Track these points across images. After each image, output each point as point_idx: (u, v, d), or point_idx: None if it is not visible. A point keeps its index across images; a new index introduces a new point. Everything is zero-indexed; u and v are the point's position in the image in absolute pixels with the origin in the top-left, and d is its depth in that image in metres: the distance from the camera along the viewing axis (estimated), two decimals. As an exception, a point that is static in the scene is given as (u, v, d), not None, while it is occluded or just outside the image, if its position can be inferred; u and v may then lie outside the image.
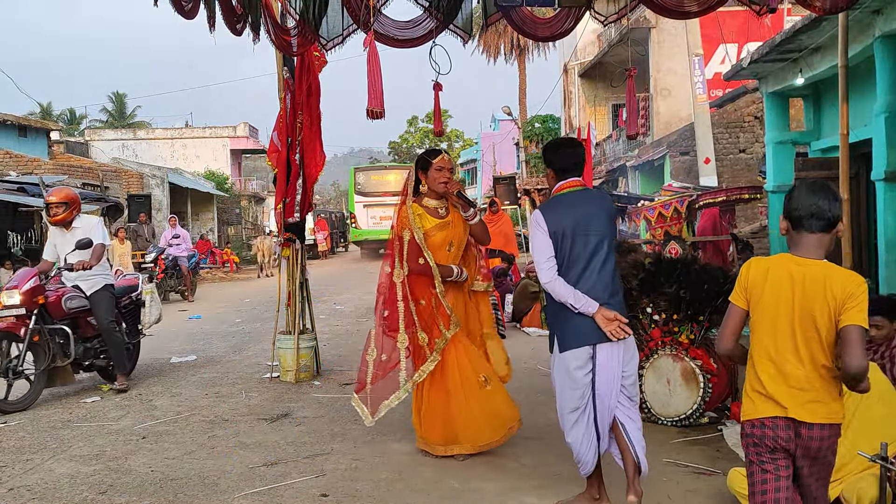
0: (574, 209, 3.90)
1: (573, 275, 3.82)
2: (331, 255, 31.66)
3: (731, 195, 11.35)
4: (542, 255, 3.88)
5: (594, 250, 3.85)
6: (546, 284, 3.85)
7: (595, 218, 3.89)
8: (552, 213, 3.94)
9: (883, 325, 4.45)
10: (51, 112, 47.48)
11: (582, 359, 3.83)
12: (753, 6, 5.09)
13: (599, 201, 4.04)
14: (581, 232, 3.85)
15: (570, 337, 3.86)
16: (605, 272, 3.86)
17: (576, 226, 3.85)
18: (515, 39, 33.34)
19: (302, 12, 5.49)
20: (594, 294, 3.79)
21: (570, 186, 4.01)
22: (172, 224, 16.54)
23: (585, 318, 3.78)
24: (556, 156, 4.07)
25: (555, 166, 4.07)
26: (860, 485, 3.44)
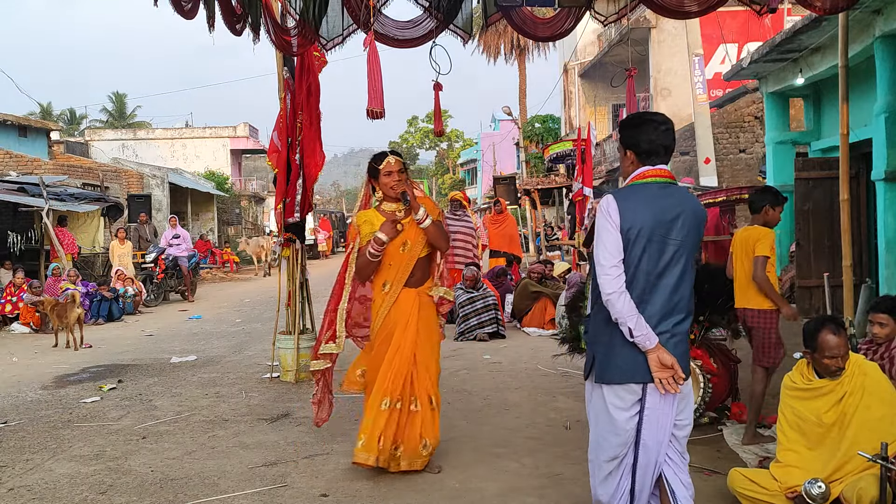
0: (656, 206, 3.06)
1: (635, 291, 3.03)
2: (331, 255, 31.65)
3: (731, 195, 11.33)
4: (608, 256, 3.04)
5: (669, 264, 3.04)
6: (609, 296, 3.01)
7: (679, 222, 3.05)
8: (629, 203, 3.07)
9: (887, 323, 4.45)
10: (51, 112, 47.48)
11: (627, 399, 3.07)
12: (753, 6, 5.08)
13: (689, 202, 3.13)
14: (658, 237, 3.03)
15: (614, 368, 3.07)
16: (676, 296, 3.07)
17: (654, 227, 3.02)
18: (515, 39, 33.31)
19: (302, 12, 5.49)
20: (654, 322, 3.02)
21: (656, 176, 3.14)
22: (172, 224, 16.54)
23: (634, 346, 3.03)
24: (640, 133, 3.17)
25: (639, 147, 3.17)
26: (860, 485, 3.44)
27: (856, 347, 4.63)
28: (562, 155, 21.04)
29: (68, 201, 14.97)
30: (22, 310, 11.47)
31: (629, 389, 3.06)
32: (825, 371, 3.71)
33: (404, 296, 4.53)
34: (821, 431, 3.72)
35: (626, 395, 3.06)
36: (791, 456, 3.79)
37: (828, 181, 9.04)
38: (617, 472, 3.13)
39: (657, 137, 3.14)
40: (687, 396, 3.17)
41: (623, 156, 3.25)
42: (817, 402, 3.73)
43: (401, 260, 4.54)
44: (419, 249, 4.55)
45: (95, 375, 7.88)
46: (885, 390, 3.66)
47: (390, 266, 4.55)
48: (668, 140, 3.15)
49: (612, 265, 3.03)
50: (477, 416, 5.93)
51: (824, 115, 10.50)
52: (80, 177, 19.55)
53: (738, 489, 3.86)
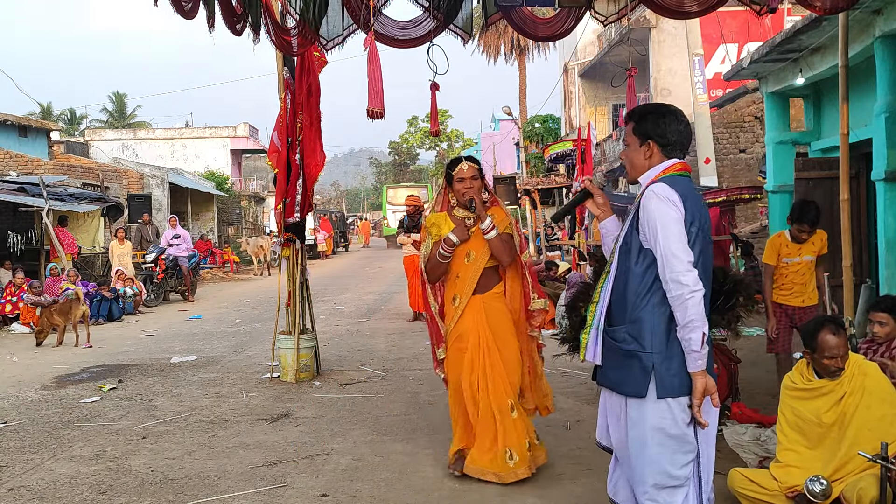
0: (698, 198, 2.88)
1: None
2: (331, 255, 31.66)
3: (732, 195, 11.33)
4: (685, 249, 2.77)
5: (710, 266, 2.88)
6: (692, 294, 2.72)
7: (708, 222, 2.91)
8: (685, 192, 2.85)
9: (887, 322, 4.46)
10: (51, 112, 47.46)
11: (687, 409, 2.85)
12: (754, 6, 5.08)
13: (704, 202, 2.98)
14: (706, 231, 2.85)
15: (683, 376, 2.80)
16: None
17: (706, 222, 2.86)
18: (515, 39, 33.34)
19: (302, 12, 5.49)
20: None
21: (683, 169, 2.96)
22: (173, 224, 16.54)
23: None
24: (668, 123, 2.96)
25: (666, 139, 2.95)
26: (860, 485, 3.44)
27: (856, 347, 4.64)
28: (562, 155, 21.04)
29: (68, 201, 14.97)
30: (22, 310, 11.47)
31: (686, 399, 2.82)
32: (825, 371, 3.71)
33: (471, 304, 4.46)
34: (821, 431, 3.72)
35: (686, 405, 2.81)
36: (791, 456, 3.79)
37: (828, 181, 9.04)
38: (683, 489, 2.87)
39: (685, 129, 2.97)
40: None
41: (638, 147, 2.99)
42: (817, 402, 3.73)
43: (467, 271, 4.47)
44: (485, 260, 4.45)
45: (95, 375, 7.88)
46: (885, 390, 3.66)
47: (458, 279, 4.49)
48: (688, 132, 3.00)
49: (690, 259, 2.75)
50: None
51: (824, 115, 10.49)
52: (80, 177, 19.55)
53: (738, 489, 3.86)
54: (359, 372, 7.69)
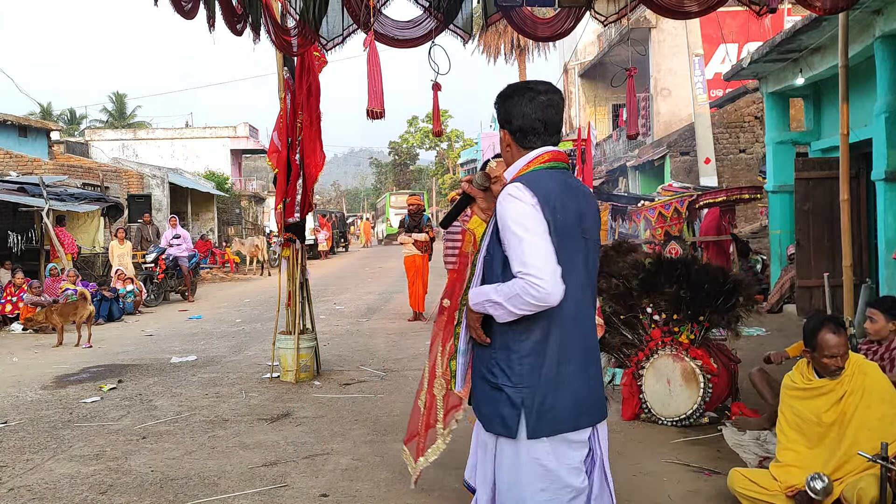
0: (568, 195, 2.44)
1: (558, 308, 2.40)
2: (331, 255, 31.67)
3: (732, 195, 11.36)
4: (543, 252, 2.32)
5: (586, 266, 2.47)
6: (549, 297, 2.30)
7: (588, 215, 2.49)
8: (542, 187, 2.39)
9: (877, 320, 4.60)
10: (51, 112, 47.47)
11: (580, 451, 2.45)
12: (753, 6, 5.09)
13: (586, 191, 2.57)
14: (577, 232, 2.43)
15: (559, 410, 2.38)
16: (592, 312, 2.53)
17: (574, 223, 2.44)
18: (515, 39, 33.34)
19: (302, 12, 5.49)
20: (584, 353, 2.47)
21: (554, 159, 2.50)
22: (173, 224, 16.53)
23: (580, 373, 2.43)
24: (507, 109, 2.50)
25: (510, 126, 2.51)
26: (860, 485, 3.43)
27: (856, 347, 4.65)
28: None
29: (68, 201, 14.96)
30: (22, 310, 11.47)
31: (583, 437, 2.44)
32: (825, 371, 3.71)
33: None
34: (820, 431, 3.72)
35: (579, 445, 2.44)
36: (791, 455, 3.79)
37: (828, 181, 9.05)
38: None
39: (532, 110, 2.46)
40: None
41: (501, 139, 2.58)
42: (817, 402, 3.73)
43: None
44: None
45: (95, 375, 7.88)
46: (885, 390, 3.66)
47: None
48: (548, 114, 2.46)
49: (554, 263, 2.33)
50: (477, 416, 5.93)
51: (824, 115, 10.50)
52: (80, 177, 19.54)
53: (738, 489, 3.86)
54: (359, 372, 7.69)
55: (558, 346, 2.40)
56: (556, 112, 2.49)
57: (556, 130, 2.52)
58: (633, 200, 15.28)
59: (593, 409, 2.47)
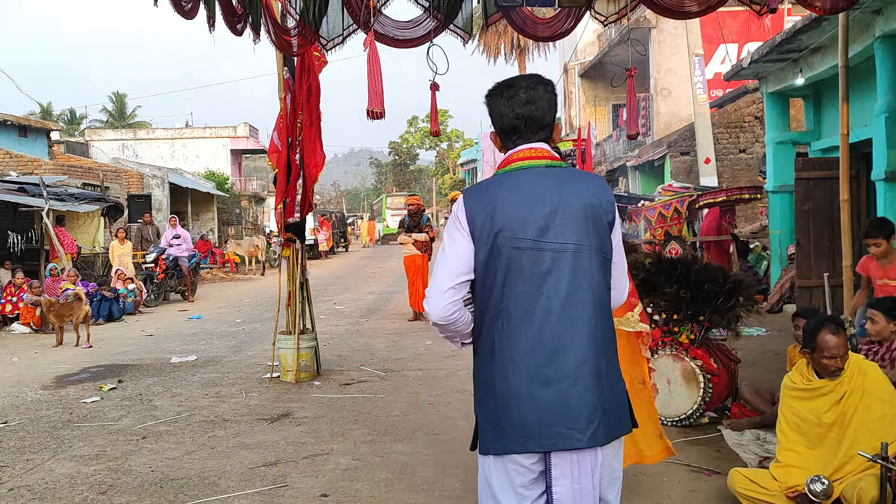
0: (522, 199, 2.22)
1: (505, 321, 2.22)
2: (331, 255, 31.67)
3: (732, 195, 11.36)
4: (445, 269, 2.26)
5: (553, 275, 2.19)
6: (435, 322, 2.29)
7: (560, 216, 2.20)
8: (479, 192, 2.29)
9: (878, 321, 4.61)
10: (51, 112, 47.47)
11: (523, 475, 2.21)
12: (754, 6, 5.09)
13: (576, 186, 2.25)
14: (526, 241, 2.20)
15: (502, 429, 2.21)
16: (577, 326, 2.19)
17: (520, 229, 2.20)
18: (515, 39, 33.34)
19: (302, 12, 5.50)
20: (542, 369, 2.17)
21: (526, 159, 2.30)
22: (173, 224, 16.53)
23: (535, 394, 2.17)
24: (492, 106, 2.37)
25: (495, 127, 2.39)
26: (860, 485, 3.43)
27: (856, 347, 4.65)
28: (562, 155, 21.05)
29: (68, 201, 14.96)
30: (22, 310, 11.47)
31: (526, 462, 2.19)
32: (824, 371, 3.71)
33: None
34: (820, 431, 3.72)
35: (521, 469, 2.20)
36: (791, 456, 3.80)
37: (828, 181, 9.04)
38: None
39: (510, 109, 2.30)
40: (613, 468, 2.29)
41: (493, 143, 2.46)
42: (817, 402, 3.73)
43: None
44: None
45: (95, 375, 7.88)
46: (885, 390, 3.66)
47: None
48: (527, 110, 2.29)
49: (449, 285, 2.24)
50: (477, 416, 5.93)
51: (824, 115, 10.50)
52: (80, 177, 19.54)
53: (738, 489, 3.86)
54: (359, 372, 7.69)
55: (510, 360, 2.20)
56: (537, 108, 2.30)
57: (540, 126, 2.31)
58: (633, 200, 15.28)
59: (552, 433, 2.15)
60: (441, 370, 7.70)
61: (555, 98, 2.36)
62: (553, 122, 2.36)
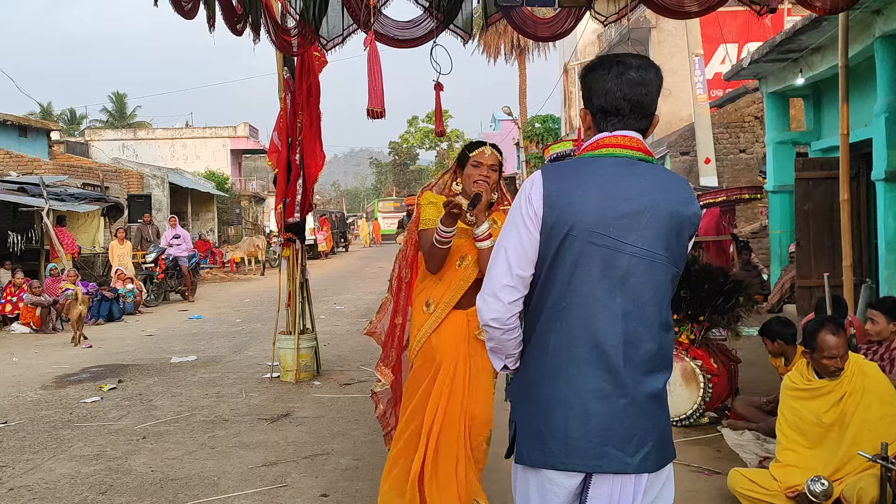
0: (607, 193, 1.98)
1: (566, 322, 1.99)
2: (331, 256, 31.67)
3: (732, 195, 11.36)
4: (501, 264, 2.02)
5: (626, 282, 1.97)
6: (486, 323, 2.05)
7: (646, 219, 1.98)
8: (564, 185, 2.00)
9: (878, 321, 4.62)
10: (51, 112, 47.46)
11: (558, 496, 1.99)
12: (754, 6, 5.09)
13: (663, 191, 2.02)
14: (605, 239, 1.96)
15: (544, 440, 1.99)
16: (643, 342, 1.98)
17: (599, 223, 1.96)
18: (515, 39, 33.35)
19: (302, 12, 5.49)
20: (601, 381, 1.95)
21: (615, 146, 2.05)
22: (172, 224, 16.53)
23: (588, 407, 1.95)
24: (589, 85, 2.10)
25: (590, 105, 2.11)
26: (860, 485, 3.44)
27: (856, 347, 4.65)
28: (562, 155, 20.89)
29: (68, 201, 14.96)
30: (22, 310, 11.47)
31: (565, 480, 1.98)
32: (824, 371, 3.71)
33: (450, 319, 3.54)
34: (820, 431, 3.72)
35: (561, 487, 1.98)
36: (791, 456, 3.80)
37: (828, 181, 9.05)
38: None
39: (618, 87, 2.05)
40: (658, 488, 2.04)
41: (581, 120, 2.18)
42: (817, 403, 3.73)
43: (454, 277, 3.52)
44: (477, 270, 3.46)
45: (95, 375, 7.88)
46: (885, 390, 3.66)
47: (440, 282, 3.54)
48: (637, 93, 2.06)
49: (506, 283, 2.01)
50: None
51: (824, 115, 10.50)
52: (80, 177, 19.54)
53: (738, 489, 3.86)
54: (359, 372, 7.69)
55: (565, 366, 1.98)
56: (647, 92, 2.08)
57: (644, 114, 2.10)
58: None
59: (600, 454, 1.93)
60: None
61: (661, 86, 2.15)
62: (655, 112, 2.15)
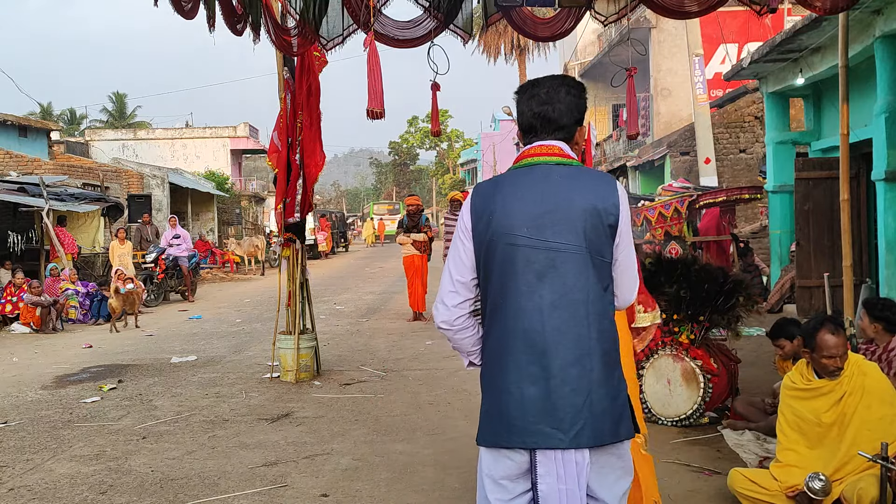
0: (521, 196, 2.22)
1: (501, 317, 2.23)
2: (331, 256, 31.68)
3: (732, 195, 11.36)
4: (446, 273, 2.33)
5: (546, 275, 2.17)
6: (438, 325, 2.36)
7: (559, 216, 2.18)
8: (482, 197, 2.29)
9: (863, 319, 4.68)
10: (51, 112, 47.48)
11: (509, 468, 2.21)
12: (754, 6, 5.09)
13: (581, 187, 2.21)
14: (522, 238, 2.19)
15: (494, 422, 2.24)
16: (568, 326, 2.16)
17: (516, 226, 2.20)
18: (515, 39, 33.33)
19: (302, 12, 5.50)
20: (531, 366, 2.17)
21: (533, 156, 2.29)
22: (172, 224, 16.53)
23: (522, 391, 2.17)
24: (518, 104, 2.41)
25: (517, 121, 2.43)
26: (860, 485, 3.43)
27: (856, 347, 4.66)
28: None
29: (68, 201, 14.96)
30: (22, 310, 11.47)
31: (513, 458, 2.19)
32: (824, 371, 3.71)
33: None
34: (820, 431, 3.72)
35: (508, 463, 2.21)
36: (791, 456, 3.80)
37: (828, 181, 9.05)
38: None
39: (528, 106, 2.34)
40: (612, 466, 2.23)
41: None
42: (817, 402, 3.73)
43: None
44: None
45: (95, 375, 7.88)
46: (885, 390, 3.66)
47: None
48: (544, 109, 2.30)
49: (449, 289, 2.32)
50: (477, 415, 5.92)
51: (824, 115, 10.50)
52: (80, 177, 19.55)
53: (738, 489, 3.86)
54: (359, 372, 7.70)
55: (503, 356, 2.22)
56: (554, 108, 2.30)
57: (556, 127, 2.30)
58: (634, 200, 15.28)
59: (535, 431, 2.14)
60: (441, 370, 7.70)
61: (577, 100, 2.34)
62: (574, 123, 2.33)
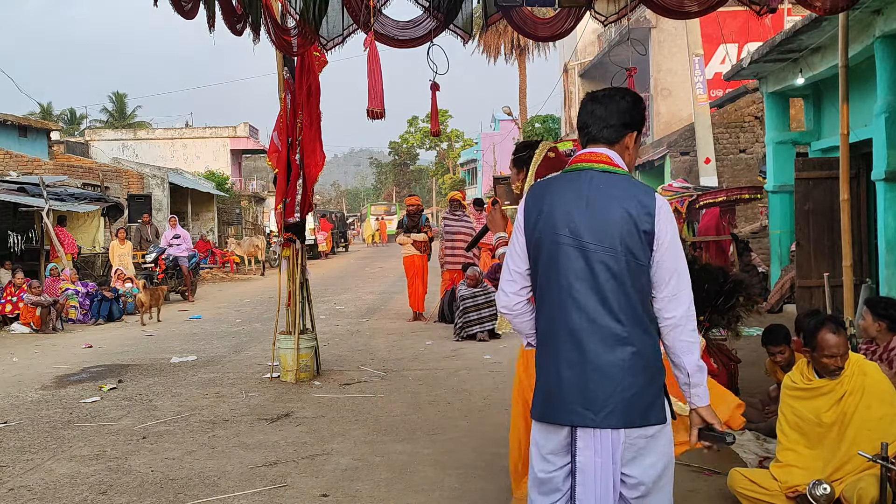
0: (568, 199, 2.44)
1: (549, 306, 2.49)
2: (331, 255, 31.67)
3: (732, 195, 11.36)
4: (505, 264, 2.64)
5: (585, 272, 2.40)
6: (500, 310, 2.67)
7: (599, 219, 2.39)
8: (535, 197, 2.55)
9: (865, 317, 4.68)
10: (51, 112, 47.47)
11: (553, 443, 2.46)
12: (754, 6, 5.09)
13: (620, 194, 2.41)
14: (567, 238, 2.42)
15: (541, 399, 2.50)
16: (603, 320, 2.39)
17: (561, 226, 2.43)
18: (515, 39, 33.36)
19: (302, 12, 5.50)
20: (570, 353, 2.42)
21: (581, 161, 2.52)
22: (172, 224, 16.53)
23: (561, 374, 2.43)
24: (582, 103, 2.63)
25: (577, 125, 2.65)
26: (860, 485, 3.43)
27: (856, 347, 4.66)
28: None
29: (68, 201, 14.96)
30: (22, 310, 11.47)
31: (555, 432, 2.45)
32: (824, 370, 3.70)
33: None
34: (820, 431, 3.72)
35: (552, 437, 2.46)
36: (791, 455, 3.79)
37: (828, 181, 9.04)
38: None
39: (586, 106, 2.59)
40: (641, 447, 2.40)
41: None
42: (817, 402, 3.73)
43: None
44: None
45: (95, 375, 7.88)
46: (885, 390, 3.66)
47: None
48: (596, 106, 2.54)
49: (507, 278, 2.62)
50: (478, 415, 5.94)
51: (824, 115, 10.50)
52: (80, 177, 19.55)
53: (738, 489, 3.86)
54: (359, 372, 7.70)
55: (550, 341, 2.50)
56: (605, 107, 2.53)
57: (605, 125, 2.53)
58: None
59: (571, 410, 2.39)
60: (441, 370, 7.70)
61: (630, 106, 2.54)
62: (622, 126, 2.53)
